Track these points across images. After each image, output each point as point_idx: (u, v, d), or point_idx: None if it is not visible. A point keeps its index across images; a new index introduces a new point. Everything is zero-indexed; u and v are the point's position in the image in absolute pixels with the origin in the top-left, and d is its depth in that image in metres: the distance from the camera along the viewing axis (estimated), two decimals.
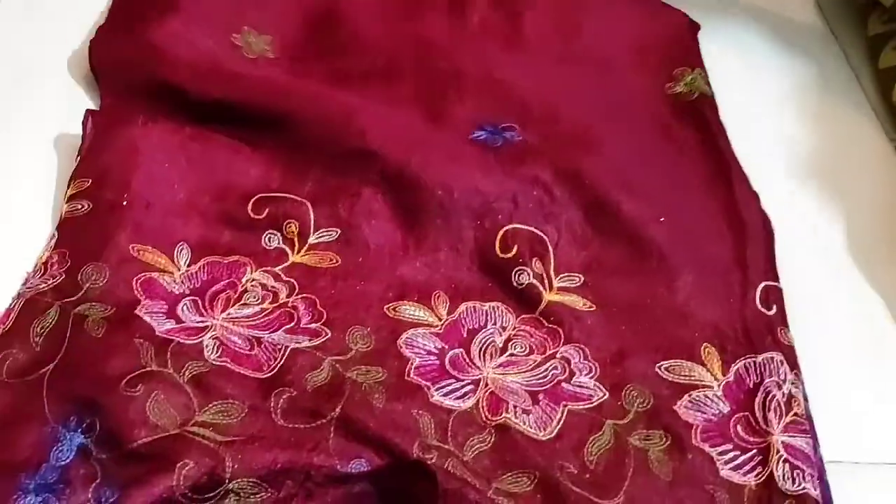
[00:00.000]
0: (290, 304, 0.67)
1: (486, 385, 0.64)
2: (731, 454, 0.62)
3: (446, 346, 0.66)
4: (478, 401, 0.63)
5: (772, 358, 0.66)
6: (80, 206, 0.70)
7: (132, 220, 0.69)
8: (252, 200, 0.72)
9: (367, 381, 0.62)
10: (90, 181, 0.71)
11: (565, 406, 0.63)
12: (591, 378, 0.65)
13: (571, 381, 0.64)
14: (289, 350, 0.63)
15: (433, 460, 0.58)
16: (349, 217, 0.72)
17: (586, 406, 0.63)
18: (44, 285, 0.65)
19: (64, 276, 0.66)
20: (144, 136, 0.74)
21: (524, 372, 0.65)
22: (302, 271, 0.69)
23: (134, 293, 0.65)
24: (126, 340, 0.62)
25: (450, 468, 0.58)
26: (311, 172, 0.74)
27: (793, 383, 0.65)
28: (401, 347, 0.65)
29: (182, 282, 0.67)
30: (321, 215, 0.72)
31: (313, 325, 0.65)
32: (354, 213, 0.72)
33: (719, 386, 0.65)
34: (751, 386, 0.65)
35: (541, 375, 0.65)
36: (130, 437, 0.57)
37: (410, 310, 0.68)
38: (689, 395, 0.64)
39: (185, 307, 0.66)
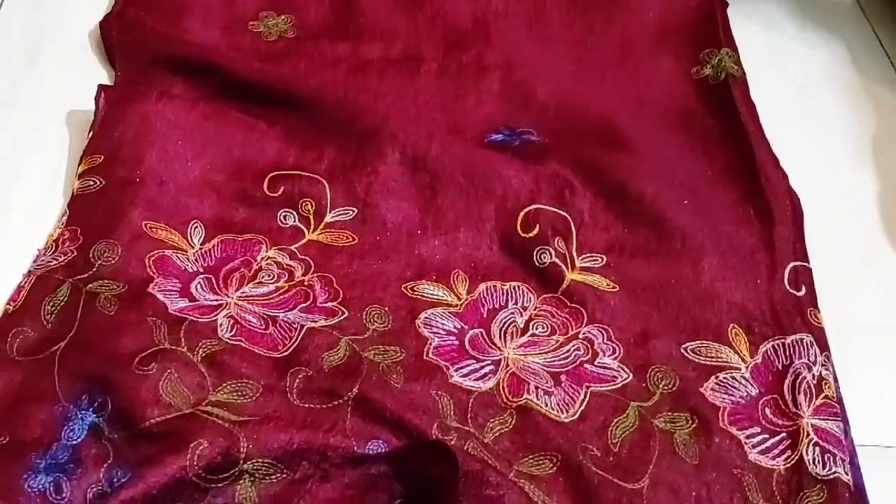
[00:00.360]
0: (305, 283, 0.65)
1: (507, 366, 0.62)
2: (760, 437, 0.60)
3: (466, 326, 0.64)
4: (498, 382, 0.61)
5: (801, 339, 0.65)
6: (92, 183, 0.69)
7: (145, 197, 0.68)
8: (267, 178, 0.71)
9: (384, 361, 0.61)
10: (102, 157, 0.70)
11: (588, 387, 0.62)
12: (615, 359, 0.63)
13: (595, 363, 0.63)
14: (304, 329, 0.62)
15: (453, 442, 0.56)
16: (366, 196, 0.70)
17: (610, 388, 0.62)
18: (55, 262, 0.64)
19: (75, 253, 0.65)
20: (159, 113, 0.73)
21: (546, 353, 0.63)
22: (318, 249, 0.68)
23: (147, 271, 0.64)
24: (139, 318, 0.61)
25: (470, 450, 0.56)
26: (328, 150, 0.73)
27: (823, 365, 0.63)
28: (419, 327, 0.63)
29: (196, 260, 0.66)
30: (338, 194, 0.70)
31: (329, 304, 0.64)
32: (372, 192, 0.71)
33: (747, 368, 0.63)
34: (780, 368, 0.63)
35: (563, 356, 0.63)
36: (143, 416, 0.56)
37: (429, 289, 0.66)
38: (717, 377, 0.63)
39: (198, 285, 0.64)
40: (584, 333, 0.64)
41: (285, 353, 0.61)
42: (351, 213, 0.70)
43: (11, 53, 0.82)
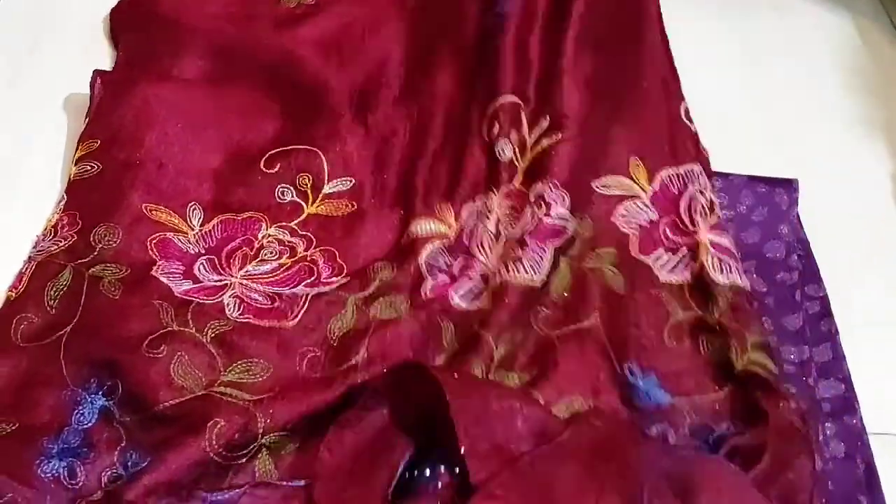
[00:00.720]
0: (308, 258, 0.65)
1: (495, 276, 0.64)
2: (665, 258, 0.66)
3: (456, 255, 0.66)
4: (491, 292, 0.63)
5: (692, 169, 0.70)
6: (89, 168, 0.68)
7: (144, 180, 0.67)
8: (265, 157, 0.71)
9: (389, 315, 0.62)
10: (99, 142, 0.69)
11: (552, 243, 0.66)
12: (567, 208, 0.67)
13: (552, 215, 0.67)
14: (310, 297, 0.62)
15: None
16: (362, 164, 0.71)
17: (562, 240, 0.66)
18: (55, 247, 0.63)
19: (76, 237, 0.64)
20: (157, 95, 0.72)
21: (516, 228, 0.66)
22: (318, 223, 0.68)
23: (149, 253, 0.64)
24: (144, 302, 0.61)
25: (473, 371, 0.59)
26: (323, 121, 0.73)
27: (711, 191, 0.69)
28: (420, 268, 0.64)
29: (197, 241, 0.66)
30: (334, 163, 0.70)
31: (334, 279, 0.64)
32: (367, 160, 0.71)
33: (647, 195, 0.69)
34: (675, 193, 0.69)
35: (525, 221, 0.66)
36: (156, 399, 0.56)
37: (425, 225, 0.66)
38: (623, 205, 0.68)
39: (201, 266, 0.64)
40: (535, 193, 0.68)
41: (293, 322, 0.61)
42: (349, 183, 0.70)
43: (13, 39, 0.81)
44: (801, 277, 0.69)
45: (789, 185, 0.73)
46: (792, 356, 0.63)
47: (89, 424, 0.56)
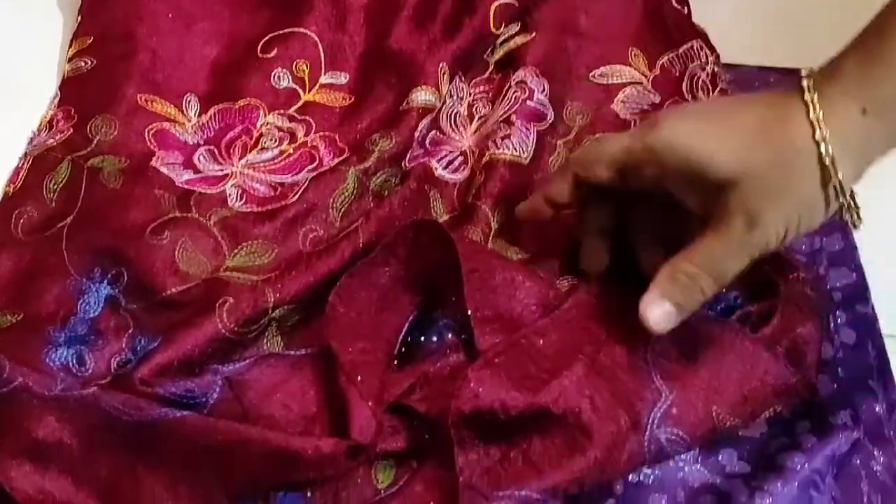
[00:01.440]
0: (309, 144, 0.64)
1: (475, 153, 0.64)
2: None
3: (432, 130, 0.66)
4: (471, 168, 0.63)
5: (691, 46, 0.69)
6: (82, 64, 0.66)
7: (139, 72, 0.66)
8: (261, 43, 0.69)
9: (388, 187, 0.61)
10: (92, 38, 0.68)
11: (534, 126, 0.65)
12: (545, 96, 0.66)
13: (533, 99, 0.66)
14: (311, 178, 0.62)
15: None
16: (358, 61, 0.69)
17: (544, 126, 0.65)
18: (52, 141, 0.62)
19: (72, 130, 0.63)
20: None
21: (498, 109, 0.66)
22: (316, 109, 0.66)
23: (147, 144, 0.63)
24: (145, 192, 0.60)
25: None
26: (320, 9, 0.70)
27: (714, 63, 0.69)
28: (415, 138, 0.64)
29: (195, 132, 0.64)
30: (331, 52, 0.69)
31: (336, 162, 0.62)
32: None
33: (648, 80, 0.68)
34: (677, 75, 0.69)
35: (508, 103, 0.65)
36: (163, 285, 0.55)
37: (422, 95, 0.65)
38: (623, 92, 0.67)
39: (201, 157, 0.63)
40: (516, 79, 0.67)
41: (295, 198, 0.60)
42: (344, 77, 0.68)
43: None
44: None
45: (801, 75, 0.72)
46: (802, 246, 0.62)
47: (95, 313, 0.55)
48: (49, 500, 0.48)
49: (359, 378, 0.50)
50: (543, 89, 0.67)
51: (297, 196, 0.60)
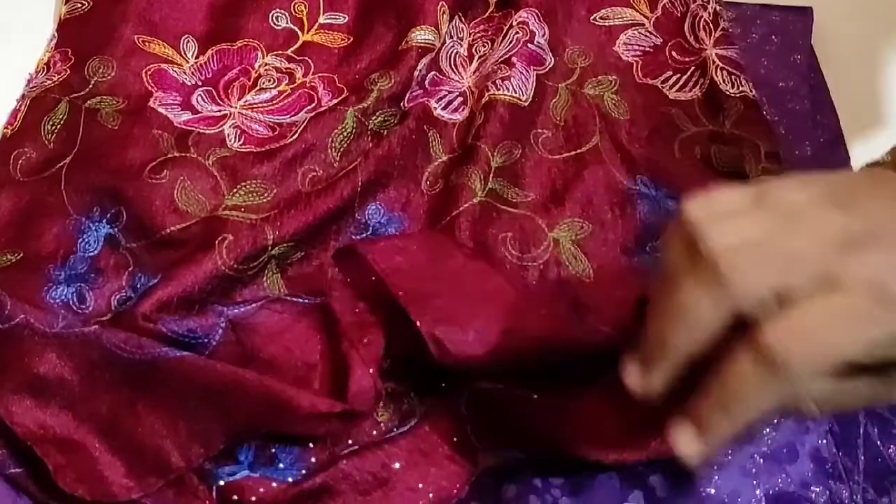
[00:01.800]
0: (308, 84, 0.64)
1: (474, 93, 0.64)
2: (674, 78, 0.66)
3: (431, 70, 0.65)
4: (471, 109, 0.63)
5: None
6: (79, 5, 0.66)
7: (135, 12, 0.65)
8: None
9: (385, 127, 0.61)
10: None
11: (535, 70, 0.65)
12: (545, 40, 0.66)
13: (534, 42, 0.66)
14: (309, 118, 0.61)
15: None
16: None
17: (543, 70, 0.65)
18: (49, 82, 0.62)
19: (69, 71, 0.62)
20: None
21: (498, 50, 0.65)
22: (315, 50, 0.66)
23: (145, 85, 0.63)
24: (144, 132, 0.60)
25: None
26: None
27: (716, 2, 0.68)
28: (414, 78, 0.63)
29: (192, 73, 0.64)
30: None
31: (335, 102, 0.62)
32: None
33: (650, 22, 0.68)
34: (678, 16, 0.68)
35: (508, 43, 0.65)
36: (161, 224, 0.56)
37: (421, 35, 0.64)
38: (625, 34, 0.68)
39: (199, 98, 0.63)
40: (518, 20, 0.66)
41: (293, 138, 0.60)
42: (343, 18, 0.68)
43: None
44: (814, 106, 0.67)
45: (804, 14, 0.71)
46: None
47: (95, 252, 0.55)
48: (50, 435, 0.48)
49: (365, 340, 0.50)
50: (544, 33, 0.66)
51: (295, 136, 0.60)
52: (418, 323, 0.47)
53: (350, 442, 0.49)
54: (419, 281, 0.50)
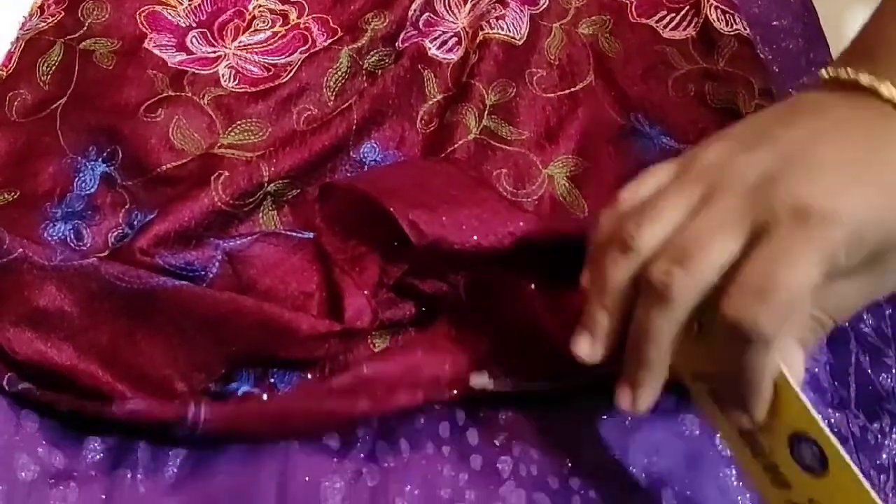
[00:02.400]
0: (301, 25, 0.64)
1: (469, 32, 0.63)
2: (668, 18, 0.66)
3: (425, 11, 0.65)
4: (465, 49, 0.63)
5: None
6: None
7: None
8: None
9: (380, 66, 0.61)
10: None
11: (529, 10, 0.64)
12: None
13: None
14: (304, 57, 0.61)
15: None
16: None
17: (538, 10, 0.65)
18: (43, 24, 0.62)
19: (63, 13, 0.63)
20: None
21: None
22: None
23: (139, 27, 0.63)
24: (138, 72, 0.60)
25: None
26: None
27: None
28: (409, 17, 0.64)
29: (186, 15, 0.64)
30: None
31: (329, 42, 0.62)
32: None
33: None
34: None
35: None
36: (157, 161, 0.56)
37: None
38: None
39: (194, 39, 0.63)
40: None
41: (288, 77, 0.60)
42: None
43: None
44: (808, 44, 0.68)
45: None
46: None
47: (91, 190, 0.55)
48: (50, 365, 0.48)
49: (357, 269, 0.51)
50: None
51: (290, 76, 0.60)
52: (392, 209, 0.48)
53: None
54: (389, 181, 0.51)
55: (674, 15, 0.66)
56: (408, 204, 0.48)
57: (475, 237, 0.48)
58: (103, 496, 0.46)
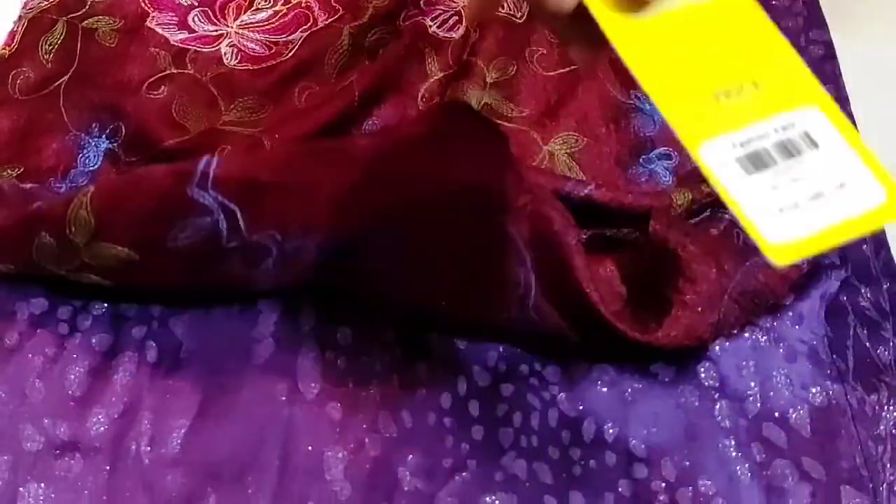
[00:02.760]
0: (303, 4, 0.64)
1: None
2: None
3: None
4: (466, 27, 0.63)
5: None
6: None
7: None
8: None
9: (382, 44, 0.61)
10: None
11: None
12: None
13: None
14: (306, 35, 0.62)
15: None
16: None
17: None
18: (46, 3, 0.63)
19: None
20: None
21: None
22: None
23: (141, 6, 0.63)
24: (141, 50, 0.60)
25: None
26: None
27: None
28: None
29: None
30: None
31: (331, 20, 0.63)
32: None
33: None
34: None
35: None
36: (159, 138, 0.56)
37: None
38: None
39: (195, 18, 0.63)
40: None
41: (290, 55, 0.61)
42: None
43: None
44: (806, 22, 0.68)
45: None
46: None
47: (95, 166, 0.56)
48: None
49: None
50: None
51: (291, 53, 0.61)
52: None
53: None
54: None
55: None
56: None
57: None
58: (108, 467, 0.46)
